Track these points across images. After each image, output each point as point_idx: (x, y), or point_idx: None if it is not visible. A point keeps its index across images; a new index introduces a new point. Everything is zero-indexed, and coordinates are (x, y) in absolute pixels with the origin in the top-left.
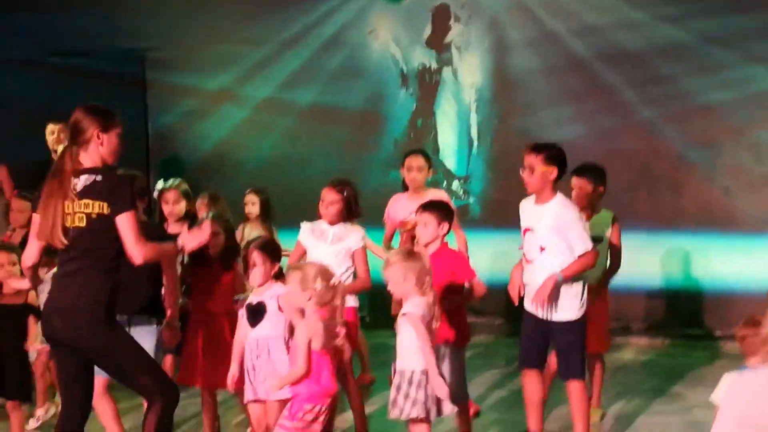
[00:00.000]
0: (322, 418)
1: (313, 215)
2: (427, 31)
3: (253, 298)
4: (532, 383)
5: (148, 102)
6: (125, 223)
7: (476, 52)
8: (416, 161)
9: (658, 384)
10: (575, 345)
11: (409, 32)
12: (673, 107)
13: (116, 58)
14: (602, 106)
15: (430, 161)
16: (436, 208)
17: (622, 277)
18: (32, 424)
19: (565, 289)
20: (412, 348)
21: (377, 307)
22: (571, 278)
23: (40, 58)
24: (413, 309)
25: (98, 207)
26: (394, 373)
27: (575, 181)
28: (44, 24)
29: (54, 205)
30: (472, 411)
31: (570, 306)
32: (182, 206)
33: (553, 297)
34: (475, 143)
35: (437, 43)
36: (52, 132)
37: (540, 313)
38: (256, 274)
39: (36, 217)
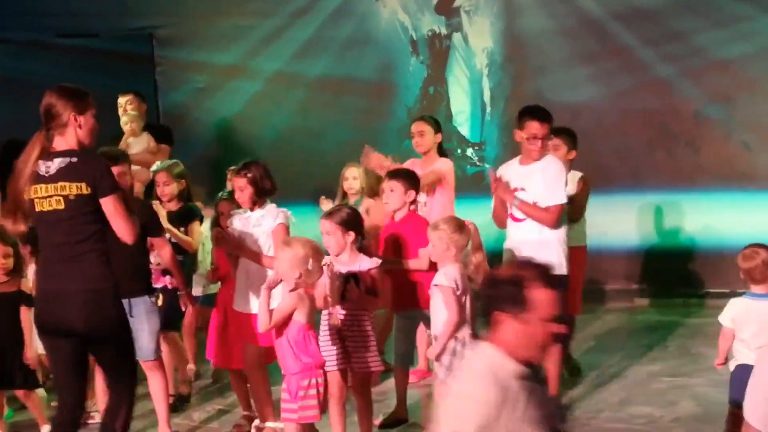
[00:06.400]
0: (321, 390)
1: (327, 188)
2: None
3: (339, 267)
4: None
5: (157, 80)
6: (111, 207)
7: (485, 16)
8: (417, 127)
9: (680, 344)
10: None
11: None
12: (688, 63)
13: (124, 37)
14: (617, 66)
15: (436, 125)
16: (403, 177)
17: (638, 238)
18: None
19: (554, 246)
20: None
21: None
22: (525, 213)
23: (47, 40)
24: (445, 280)
25: (76, 188)
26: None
27: (552, 141)
28: (51, 5)
29: (20, 189)
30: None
31: (559, 262)
32: (173, 188)
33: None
34: (488, 108)
35: (446, 8)
36: (120, 105)
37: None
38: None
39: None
